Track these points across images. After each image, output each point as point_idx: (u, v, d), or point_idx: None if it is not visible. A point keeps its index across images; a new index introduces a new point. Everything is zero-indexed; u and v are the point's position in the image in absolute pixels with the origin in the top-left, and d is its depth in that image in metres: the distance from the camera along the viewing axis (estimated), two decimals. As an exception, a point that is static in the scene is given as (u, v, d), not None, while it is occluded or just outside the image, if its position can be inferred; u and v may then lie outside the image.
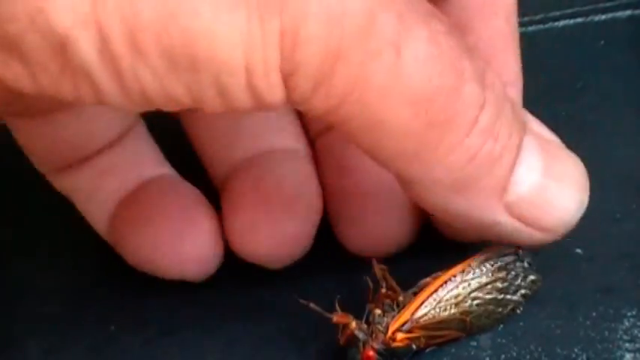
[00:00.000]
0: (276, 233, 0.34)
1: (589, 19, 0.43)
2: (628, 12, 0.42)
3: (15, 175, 0.41)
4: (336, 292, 0.35)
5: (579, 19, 0.43)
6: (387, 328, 0.32)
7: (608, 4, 0.43)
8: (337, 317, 0.32)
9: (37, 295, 0.37)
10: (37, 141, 0.35)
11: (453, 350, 0.33)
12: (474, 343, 0.33)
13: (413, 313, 0.32)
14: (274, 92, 0.26)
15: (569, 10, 0.43)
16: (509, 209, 0.30)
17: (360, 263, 0.35)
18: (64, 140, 0.35)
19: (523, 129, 0.30)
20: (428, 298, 0.32)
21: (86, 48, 0.24)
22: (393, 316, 0.32)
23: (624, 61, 0.41)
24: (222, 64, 0.25)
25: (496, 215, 0.30)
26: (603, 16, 0.42)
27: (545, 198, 0.30)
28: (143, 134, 0.37)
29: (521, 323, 0.33)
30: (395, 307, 0.32)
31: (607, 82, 0.40)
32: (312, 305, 0.32)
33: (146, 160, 0.36)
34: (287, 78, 0.26)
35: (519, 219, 0.30)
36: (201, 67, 0.25)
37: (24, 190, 0.40)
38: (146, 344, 0.35)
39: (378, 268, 0.32)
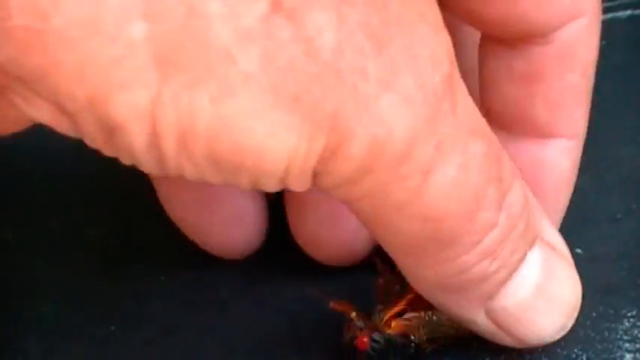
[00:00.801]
0: (343, 243, 0.35)
1: (589, 19, 0.42)
2: (628, 12, 0.42)
3: (15, 175, 0.41)
4: (337, 294, 0.35)
5: (579, 19, 0.42)
6: (384, 316, 0.32)
7: (608, 4, 0.42)
8: (335, 304, 0.32)
9: (37, 295, 0.37)
10: None
11: (453, 350, 0.33)
12: (475, 344, 0.33)
13: (410, 302, 0.32)
14: (301, 185, 0.27)
15: (569, 10, 0.43)
16: (489, 314, 0.30)
17: (362, 266, 0.35)
18: None
19: (531, 244, 0.30)
20: None
21: (136, 137, 0.25)
22: (392, 305, 0.32)
23: (624, 61, 0.41)
24: (264, 171, 0.26)
25: (474, 316, 0.30)
26: (603, 16, 0.42)
27: (529, 316, 0.30)
28: None
29: (521, 323, 0.33)
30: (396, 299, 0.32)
31: (607, 82, 0.40)
32: (317, 290, 0.32)
33: None
34: (316, 176, 0.26)
35: (496, 324, 0.31)
36: (244, 171, 0.26)
37: (24, 190, 0.40)
38: (146, 344, 0.35)
39: (381, 264, 0.33)
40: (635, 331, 0.33)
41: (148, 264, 0.37)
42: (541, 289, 0.30)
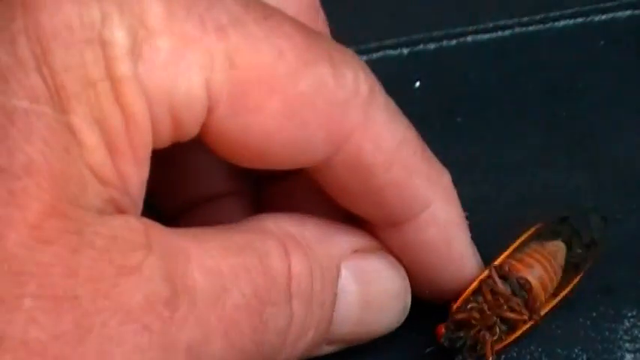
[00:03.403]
0: None
1: (589, 19, 0.43)
2: (628, 12, 0.42)
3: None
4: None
5: (579, 19, 0.43)
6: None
7: (608, 4, 0.43)
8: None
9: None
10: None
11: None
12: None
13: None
14: None
15: (569, 10, 0.43)
16: (332, 342, 0.31)
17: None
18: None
19: (333, 297, 0.30)
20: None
21: None
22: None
23: (624, 61, 0.41)
24: None
25: (320, 350, 0.31)
26: (603, 16, 0.42)
27: (368, 327, 0.31)
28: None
29: (521, 323, 0.33)
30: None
31: (607, 82, 0.40)
32: None
33: None
34: None
35: (346, 343, 0.32)
36: None
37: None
38: (146, 344, 0.35)
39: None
40: (636, 331, 0.33)
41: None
42: (365, 300, 0.31)
